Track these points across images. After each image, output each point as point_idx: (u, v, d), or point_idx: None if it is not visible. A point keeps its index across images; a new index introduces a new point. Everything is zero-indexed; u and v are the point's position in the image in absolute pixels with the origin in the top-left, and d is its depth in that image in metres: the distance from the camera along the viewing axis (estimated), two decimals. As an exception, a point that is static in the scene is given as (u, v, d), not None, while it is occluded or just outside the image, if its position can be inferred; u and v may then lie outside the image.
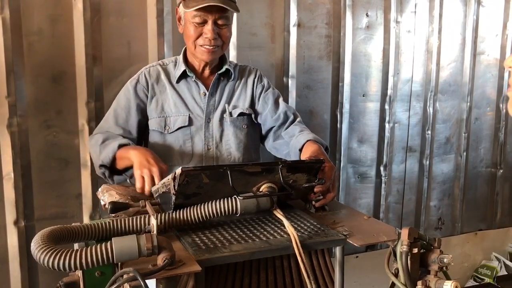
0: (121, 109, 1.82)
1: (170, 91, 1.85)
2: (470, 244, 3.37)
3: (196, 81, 1.86)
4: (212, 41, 1.73)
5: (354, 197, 2.90)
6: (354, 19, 2.70)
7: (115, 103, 1.85)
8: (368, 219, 1.37)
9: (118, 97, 1.86)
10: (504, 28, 3.23)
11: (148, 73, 1.86)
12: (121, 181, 1.74)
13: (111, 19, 2.16)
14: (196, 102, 1.86)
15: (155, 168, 1.47)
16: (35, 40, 2.04)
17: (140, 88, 1.83)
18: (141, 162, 1.50)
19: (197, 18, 1.71)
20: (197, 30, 1.73)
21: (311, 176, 1.33)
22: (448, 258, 1.12)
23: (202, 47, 1.76)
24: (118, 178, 1.74)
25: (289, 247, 1.12)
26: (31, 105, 2.07)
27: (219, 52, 1.82)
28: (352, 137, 2.82)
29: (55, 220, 2.12)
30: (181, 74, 1.85)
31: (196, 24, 1.72)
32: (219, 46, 1.77)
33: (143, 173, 1.47)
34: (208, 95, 1.86)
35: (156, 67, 1.89)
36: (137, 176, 1.48)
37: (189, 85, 1.87)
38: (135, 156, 1.54)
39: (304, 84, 2.63)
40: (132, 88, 1.83)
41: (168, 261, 0.95)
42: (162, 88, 1.86)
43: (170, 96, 1.85)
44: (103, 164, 1.69)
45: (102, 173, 1.72)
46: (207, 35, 1.72)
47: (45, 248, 0.92)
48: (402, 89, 2.93)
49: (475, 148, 3.29)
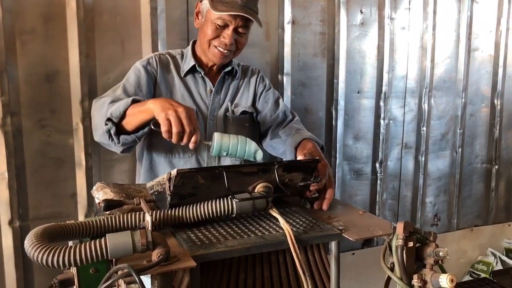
0: (130, 84, 1.75)
1: (178, 83, 1.85)
2: (466, 240, 3.38)
3: (204, 77, 1.86)
4: (228, 46, 1.74)
5: (350, 194, 2.90)
6: (348, 16, 2.71)
7: (124, 80, 1.78)
8: (364, 214, 1.37)
9: (127, 75, 1.80)
10: (498, 24, 3.25)
11: (159, 58, 1.85)
12: (128, 142, 1.55)
13: (104, 18, 2.15)
14: (202, 98, 1.86)
15: (181, 109, 1.36)
16: (28, 39, 2.03)
17: (150, 70, 1.81)
18: (163, 105, 1.38)
19: (220, 21, 1.70)
20: (217, 31, 1.73)
21: (307, 175, 1.33)
22: (444, 252, 1.12)
23: (216, 48, 1.76)
24: (125, 138, 1.54)
25: (284, 242, 1.11)
26: (24, 104, 2.06)
27: (230, 57, 1.83)
28: (348, 134, 2.83)
29: (50, 219, 2.09)
30: (190, 69, 1.85)
31: (217, 25, 1.71)
32: (232, 51, 1.78)
33: (168, 115, 1.35)
34: (214, 92, 1.87)
35: (165, 55, 1.88)
36: (162, 119, 1.36)
37: (196, 81, 1.87)
38: (155, 103, 1.41)
39: (299, 82, 2.63)
40: (142, 68, 1.79)
41: (163, 257, 0.94)
42: (171, 78, 1.85)
43: (178, 88, 1.84)
44: (111, 118, 1.51)
45: (108, 130, 1.53)
46: (225, 39, 1.72)
47: (39, 245, 0.91)
48: (397, 85, 2.93)
49: (470, 144, 3.30)
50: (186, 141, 1.38)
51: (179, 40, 2.28)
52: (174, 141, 1.37)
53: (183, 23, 2.30)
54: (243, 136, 1.46)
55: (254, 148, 1.46)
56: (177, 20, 2.28)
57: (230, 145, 1.43)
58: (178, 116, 1.35)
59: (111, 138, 1.55)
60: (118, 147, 1.59)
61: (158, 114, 1.37)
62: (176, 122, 1.35)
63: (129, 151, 1.68)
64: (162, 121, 1.36)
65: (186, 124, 1.36)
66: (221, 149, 1.43)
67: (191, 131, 1.37)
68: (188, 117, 1.36)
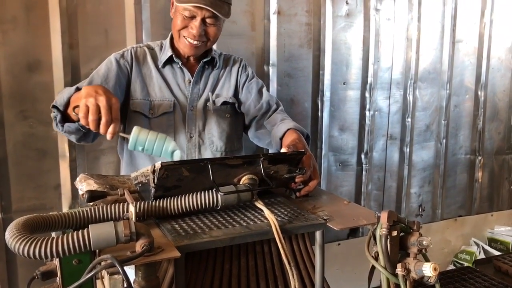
0: (98, 76, 1.74)
1: (156, 74, 1.83)
2: (450, 230, 3.43)
3: (182, 67, 1.84)
4: (196, 37, 1.72)
5: (335, 185, 2.92)
6: (334, 7, 2.70)
7: (94, 71, 1.77)
8: (348, 204, 1.37)
9: (99, 66, 1.79)
10: (482, 16, 3.27)
11: (135, 52, 1.83)
12: (72, 129, 1.56)
13: (87, 7, 2.12)
14: (180, 89, 1.84)
15: (102, 97, 1.31)
16: (9, 28, 2.00)
17: (123, 63, 1.79)
18: (88, 93, 1.33)
19: (187, 12, 1.69)
20: (184, 21, 1.71)
21: (292, 167, 1.33)
22: (427, 241, 1.13)
23: (185, 39, 1.74)
24: (68, 126, 1.55)
25: (269, 231, 1.11)
26: (6, 95, 2.03)
27: (203, 48, 1.80)
28: (333, 125, 2.83)
29: (33, 211, 2.05)
30: (167, 59, 1.83)
31: (185, 16, 1.70)
32: (203, 42, 1.76)
33: (87, 102, 1.31)
34: (193, 82, 1.85)
35: (143, 48, 1.86)
36: (82, 105, 1.32)
37: (174, 71, 1.85)
38: (85, 89, 1.37)
39: (284, 73, 2.63)
40: (115, 61, 1.78)
41: (146, 248, 0.93)
42: (147, 70, 1.83)
43: (155, 80, 1.82)
44: (55, 105, 1.53)
45: (54, 116, 1.55)
46: (193, 30, 1.71)
47: (20, 237, 0.89)
48: (382, 77, 2.94)
49: (454, 136, 3.33)
50: (102, 131, 1.34)
51: (163, 30, 2.26)
52: (91, 128, 1.33)
53: (167, 13, 2.24)
54: (163, 134, 1.42)
55: (172, 148, 1.41)
56: (161, 10, 2.26)
57: (146, 141, 1.39)
58: (97, 104, 1.31)
59: (57, 125, 1.56)
60: (68, 135, 1.60)
61: (80, 100, 1.34)
62: (93, 110, 1.31)
63: (85, 141, 1.67)
64: (81, 107, 1.32)
65: (104, 113, 1.32)
66: (137, 143, 1.39)
67: (108, 121, 1.32)
68: (107, 106, 1.32)
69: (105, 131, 1.34)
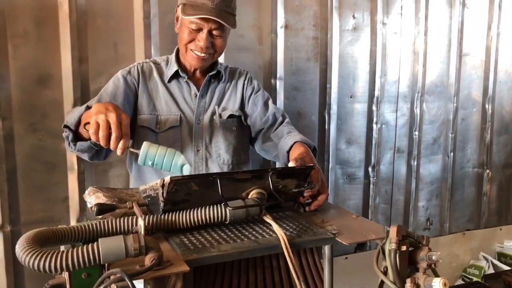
0: (106, 94, 1.76)
1: (162, 89, 1.84)
2: (458, 244, 3.39)
3: (188, 81, 1.86)
4: (204, 49, 1.74)
5: (342, 198, 2.91)
6: (341, 21, 2.72)
7: (103, 89, 1.80)
8: (357, 218, 1.37)
9: (107, 84, 1.81)
10: (489, 30, 3.27)
11: (141, 68, 1.85)
12: (84, 148, 1.58)
13: (97, 21, 2.15)
14: (187, 103, 1.85)
15: (112, 114, 1.33)
16: (20, 42, 2.03)
17: (130, 80, 1.81)
18: (99, 110, 1.36)
19: (193, 25, 1.70)
20: (191, 35, 1.73)
21: (301, 181, 1.33)
22: (437, 256, 1.13)
23: (192, 52, 1.76)
24: (80, 144, 1.57)
25: (278, 246, 1.11)
26: (16, 108, 2.05)
27: (210, 60, 1.82)
28: (340, 138, 2.83)
29: (41, 224, 2.08)
30: (173, 74, 1.84)
31: (191, 29, 1.72)
32: (210, 54, 1.78)
33: (98, 118, 1.33)
34: (199, 96, 1.86)
35: (149, 63, 1.88)
36: (92, 121, 1.34)
37: (181, 86, 1.86)
38: (95, 107, 1.39)
39: (292, 86, 2.64)
40: (122, 78, 1.80)
41: (155, 262, 0.93)
42: (154, 85, 1.85)
43: (162, 95, 1.84)
44: (67, 124, 1.55)
45: (66, 136, 1.58)
46: (200, 43, 1.73)
47: (30, 250, 0.90)
48: (389, 90, 2.95)
49: (462, 149, 3.32)
50: (113, 146, 1.35)
51: (172, 44, 2.27)
52: (102, 144, 1.35)
53: (176, 27, 2.30)
54: (173, 149, 1.44)
55: (181, 162, 1.42)
56: (170, 24, 2.27)
57: (156, 155, 1.41)
58: (107, 120, 1.34)
59: (69, 145, 1.58)
60: (81, 154, 1.62)
61: (91, 117, 1.36)
62: (103, 126, 1.33)
63: (98, 158, 1.69)
64: (92, 123, 1.35)
65: (114, 129, 1.34)
66: (146, 158, 1.40)
67: (118, 136, 1.34)
68: (117, 123, 1.34)
69: (115, 146, 1.35)
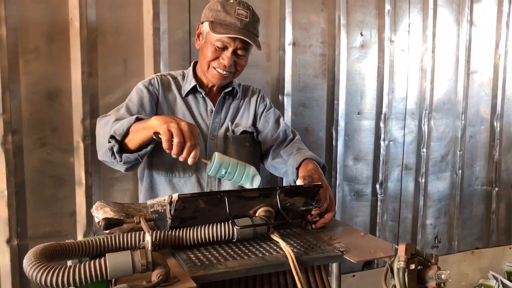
0: (133, 104, 1.75)
1: (180, 102, 1.86)
2: (467, 263, 3.35)
3: (205, 97, 1.87)
4: (227, 67, 1.75)
5: (350, 215, 2.89)
6: (349, 38, 2.73)
7: (127, 100, 1.79)
8: (365, 235, 1.36)
9: (130, 96, 1.81)
10: (496, 48, 3.28)
11: (161, 79, 1.87)
12: (131, 160, 1.54)
13: (107, 37, 2.17)
14: (202, 118, 1.87)
15: (183, 123, 1.35)
16: (31, 58, 2.05)
17: (153, 90, 1.82)
18: (166, 120, 1.36)
19: (219, 43, 1.72)
20: (216, 53, 1.74)
21: (309, 199, 1.33)
22: (446, 274, 1.12)
23: (215, 69, 1.78)
24: (127, 157, 1.53)
25: (285, 263, 1.11)
26: (26, 122, 2.06)
27: (230, 78, 1.84)
28: (348, 155, 2.83)
29: (48, 238, 2.09)
30: (190, 89, 1.86)
31: (217, 47, 1.73)
32: (232, 72, 1.80)
33: (170, 127, 1.33)
34: (215, 112, 1.88)
35: (167, 76, 1.90)
36: (164, 130, 1.33)
37: (197, 101, 1.88)
38: (158, 118, 1.39)
39: (299, 102, 2.65)
40: (144, 88, 1.81)
41: (162, 278, 0.93)
42: (172, 98, 1.86)
43: (179, 107, 1.85)
44: (114, 135, 1.50)
45: (111, 147, 1.52)
46: (224, 61, 1.74)
47: (38, 265, 0.90)
48: (396, 107, 2.95)
49: (470, 166, 3.30)
50: (186, 155, 1.35)
51: (181, 60, 2.30)
52: (175, 152, 1.34)
53: (185, 43, 2.32)
54: (242, 161, 1.45)
55: (253, 173, 1.43)
56: (179, 40, 2.30)
57: (229, 166, 1.42)
58: (180, 128, 1.34)
59: (113, 156, 1.54)
60: (121, 166, 1.58)
61: (160, 126, 1.35)
62: (178, 133, 1.33)
63: (132, 169, 1.67)
64: (164, 131, 1.34)
65: (187, 137, 1.34)
66: (220, 169, 1.41)
67: (192, 145, 1.35)
68: (190, 131, 1.35)
69: (188, 155, 1.35)
